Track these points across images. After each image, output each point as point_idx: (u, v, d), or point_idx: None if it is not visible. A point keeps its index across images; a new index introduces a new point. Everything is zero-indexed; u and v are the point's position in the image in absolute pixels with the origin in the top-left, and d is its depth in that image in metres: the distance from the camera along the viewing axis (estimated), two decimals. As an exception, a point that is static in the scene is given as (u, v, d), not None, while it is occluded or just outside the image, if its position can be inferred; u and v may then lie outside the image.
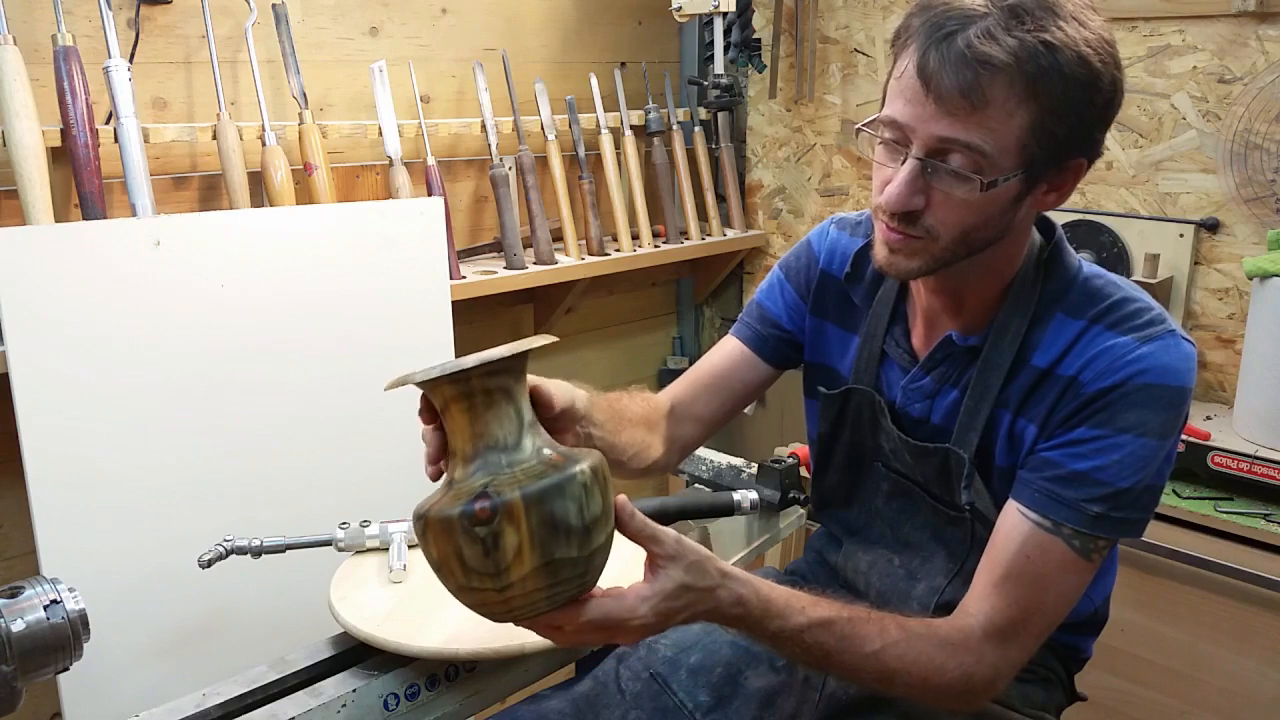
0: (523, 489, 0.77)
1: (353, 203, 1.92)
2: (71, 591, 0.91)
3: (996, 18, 0.86)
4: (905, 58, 0.91)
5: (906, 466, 1.12)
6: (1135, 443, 0.93)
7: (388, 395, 0.89)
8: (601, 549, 0.82)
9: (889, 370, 1.13)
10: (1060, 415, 0.97)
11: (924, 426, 1.09)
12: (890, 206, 0.93)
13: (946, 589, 1.09)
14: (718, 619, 0.90)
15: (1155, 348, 0.94)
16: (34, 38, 1.61)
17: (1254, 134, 1.88)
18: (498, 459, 0.81)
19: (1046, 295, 1.01)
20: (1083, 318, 0.99)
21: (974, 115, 0.87)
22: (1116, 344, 0.95)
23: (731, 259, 2.71)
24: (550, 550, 0.77)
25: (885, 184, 0.94)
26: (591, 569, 0.82)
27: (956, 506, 1.07)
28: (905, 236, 0.95)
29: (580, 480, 0.79)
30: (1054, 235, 1.04)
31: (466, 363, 0.79)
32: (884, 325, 1.13)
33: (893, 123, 0.93)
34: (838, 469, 1.21)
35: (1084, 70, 0.87)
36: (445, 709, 1.21)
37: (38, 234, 1.49)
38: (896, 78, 0.93)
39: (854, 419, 1.16)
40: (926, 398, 1.09)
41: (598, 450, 0.88)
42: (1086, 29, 0.88)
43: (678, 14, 2.44)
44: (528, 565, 0.77)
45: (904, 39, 0.92)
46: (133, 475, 1.55)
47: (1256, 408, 1.75)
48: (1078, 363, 0.97)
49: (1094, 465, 0.94)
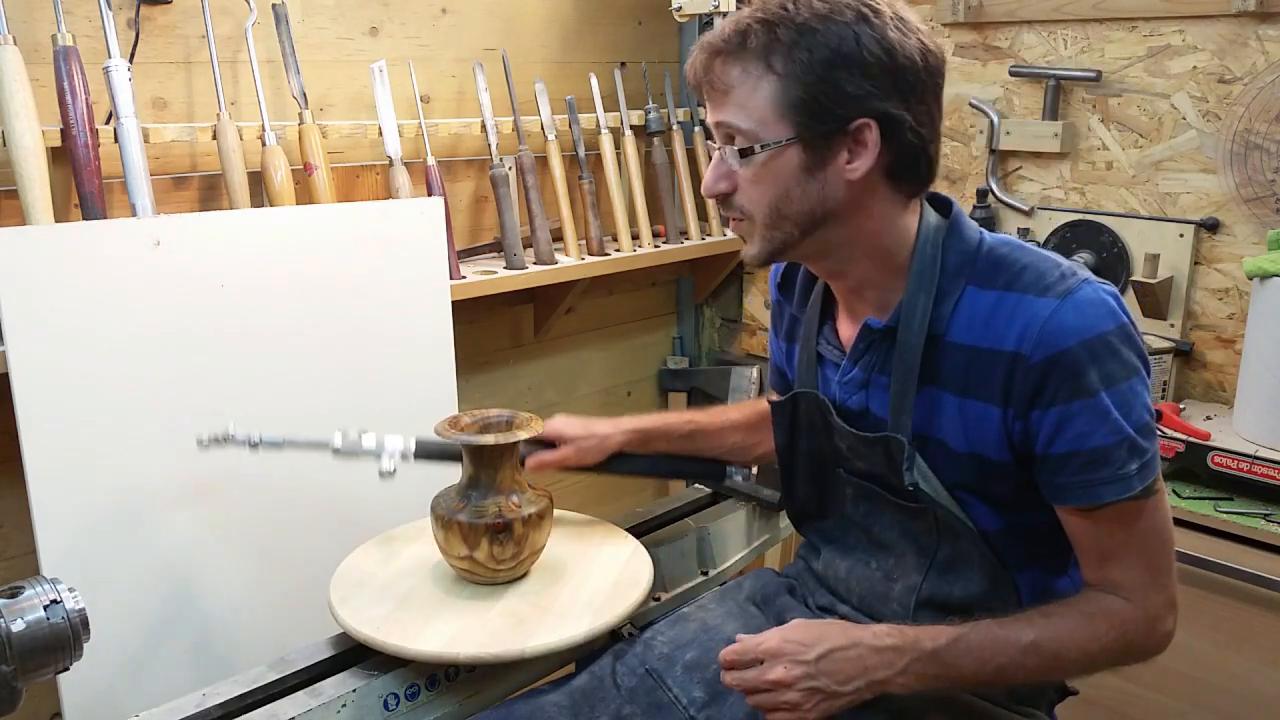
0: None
1: (353, 203, 1.92)
2: (71, 591, 0.91)
3: (733, 13, 1.02)
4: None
5: (864, 461, 1.12)
6: (1114, 393, 0.96)
7: (387, 394, 0.93)
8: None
9: (826, 370, 1.16)
10: (1022, 392, 0.98)
11: (865, 418, 1.11)
12: (704, 191, 1.06)
13: (923, 585, 1.10)
14: (873, 659, 0.97)
15: (1078, 301, 0.96)
16: (34, 38, 1.61)
17: (1254, 134, 1.88)
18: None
19: (949, 269, 1.04)
20: (994, 287, 1.01)
21: (727, 98, 1.00)
22: (1039, 308, 0.97)
23: (731, 259, 2.70)
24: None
25: None
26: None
27: (914, 498, 1.08)
28: (733, 221, 1.07)
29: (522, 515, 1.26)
30: (951, 212, 1.07)
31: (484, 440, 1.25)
32: (815, 327, 1.16)
33: (709, 125, 1.06)
34: (805, 480, 1.22)
35: (811, 36, 0.95)
36: (445, 709, 1.21)
37: (38, 234, 1.49)
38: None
39: (806, 424, 1.18)
40: (860, 388, 1.11)
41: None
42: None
43: (678, 14, 2.44)
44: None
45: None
46: (133, 475, 1.55)
47: (1256, 408, 1.75)
48: (1010, 335, 0.98)
49: (1100, 433, 0.96)
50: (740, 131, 1.00)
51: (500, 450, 1.26)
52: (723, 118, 1.01)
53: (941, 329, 1.03)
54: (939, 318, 1.03)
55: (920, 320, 1.03)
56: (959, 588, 1.08)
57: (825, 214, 1.01)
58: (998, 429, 1.01)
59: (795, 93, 0.97)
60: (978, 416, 1.02)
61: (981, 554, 1.06)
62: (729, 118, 1.00)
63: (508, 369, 2.40)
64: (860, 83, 0.96)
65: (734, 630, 1.19)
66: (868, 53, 0.95)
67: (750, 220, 1.04)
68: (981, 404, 1.02)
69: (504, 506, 1.25)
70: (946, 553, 1.09)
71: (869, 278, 1.07)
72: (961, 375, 1.03)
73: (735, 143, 1.01)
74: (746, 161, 1.01)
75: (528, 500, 1.28)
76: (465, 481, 1.29)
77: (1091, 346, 0.95)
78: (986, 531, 1.05)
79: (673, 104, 2.50)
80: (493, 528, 1.23)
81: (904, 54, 0.97)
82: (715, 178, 1.04)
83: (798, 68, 0.96)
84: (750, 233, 1.05)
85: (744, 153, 1.00)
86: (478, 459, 1.27)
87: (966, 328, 1.02)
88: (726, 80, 1.00)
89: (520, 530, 1.25)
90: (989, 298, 1.01)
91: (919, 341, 1.03)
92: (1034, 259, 1.02)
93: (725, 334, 2.87)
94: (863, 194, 1.02)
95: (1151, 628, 1.01)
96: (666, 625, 1.24)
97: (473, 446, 1.26)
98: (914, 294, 1.04)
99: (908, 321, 1.04)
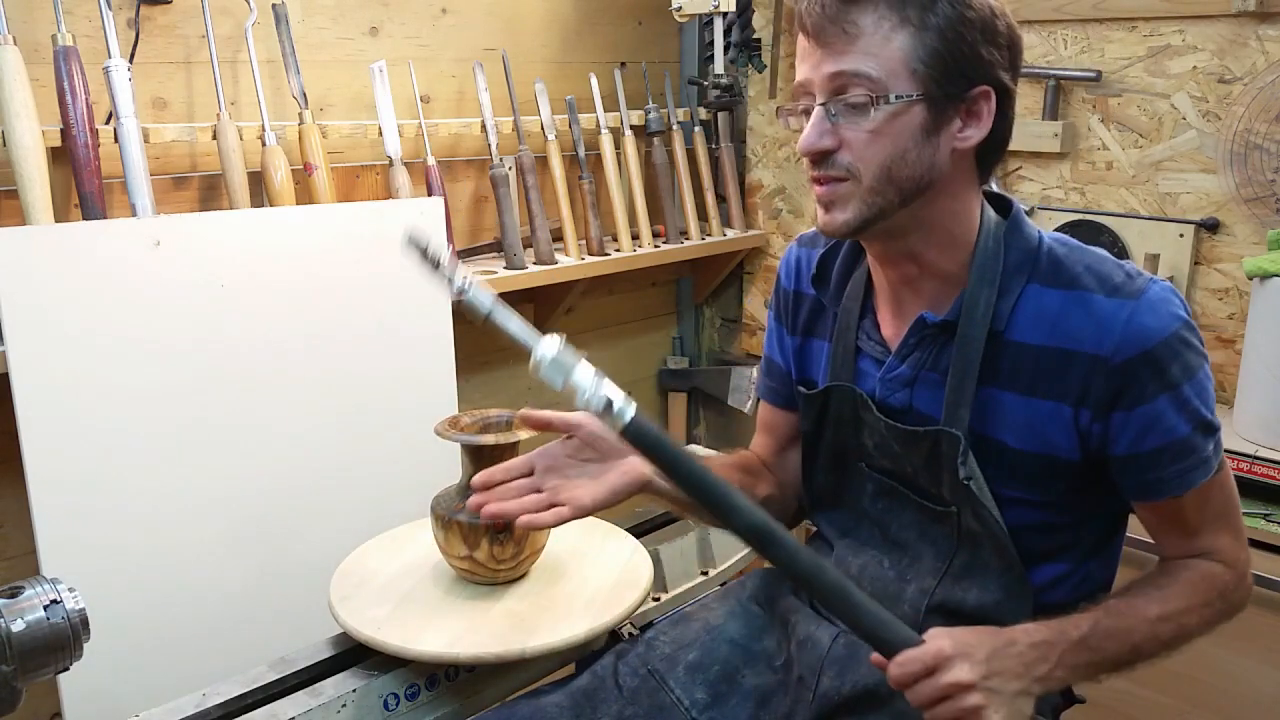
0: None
1: (353, 203, 1.92)
2: (71, 591, 0.91)
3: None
4: (797, 31, 0.99)
5: (893, 459, 1.11)
6: (1193, 384, 0.98)
7: (386, 394, 0.91)
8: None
9: (864, 365, 1.13)
10: (1103, 394, 0.98)
11: (908, 414, 1.09)
12: (803, 149, 0.97)
13: (936, 589, 1.09)
14: (1031, 654, 0.95)
15: (1151, 301, 0.98)
16: (34, 38, 1.61)
17: (1254, 134, 1.88)
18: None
19: (1010, 266, 1.03)
20: (1059, 286, 1.01)
21: (853, 45, 0.94)
22: (1114, 309, 0.98)
23: (731, 259, 2.71)
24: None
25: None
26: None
27: (943, 502, 1.07)
28: (830, 182, 0.98)
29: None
30: (1012, 210, 1.07)
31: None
32: (854, 320, 1.14)
33: (798, 87, 0.99)
34: (824, 469, 1.21)
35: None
36: (445, 709, 1.21)
37: (38, 234, 1.49)
38: (795, 53, 1.01)
39: (835, 418, 1.16)
40: (905, 385, 1.09)
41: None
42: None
43: (678, 14, 2.44)
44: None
45: (794, 22, 1.00)
46: (133, 475, 1.55)
47: (1256, 408, 1.75)
48: (1085, 336, 0.98)
49: (1184, 425, 0.98)
50: (868, 81, 0.94)
51: (500, 450, 1.26)
52: (845, 66, 0.94)
53: (1002, 326, 1.02)
54: (1000, 315, 1.02)
55: (983, 315, 1.02)
56: (973, 595, 1.07)
57: (929, 183, 0.98)
58: (1069, 428, 1.01)
59: (932, 46, 0.93)
60: (1048, 415, 1.02)
61: (1001, 562, 1.05)
62: (855, 65, 0.94)
63: (508, 369, 2.40)
64: (990, 49, 0.96)
65: (736, 631, 1.18)
66: (1000, 20, 0.96)
67: (854, 180, 0.97)
68: (1052, 403, 1.01)
69: None
70: (964, 559, 1.08)
71: (932, 266, 1.05)
72: (1028, 374, 1.02)
73: (849, 95, 0.95)
74: (865, 116, 0.94)
75: (528, 500, 1.28)
76: (465, 481, 1.29)
77: (1170, 345, 0.97)
78: (1015, 528, 1.05)
79: (673, 104, 2.50)
80: (493, 528, 1.23)
81: (1018, 30, 0.99)
82: (818, 133, 0.96)
83: (939, 20, 0.93)
84: (849, 196, 0.98)
85: (865, 106, 0.94)
86: (478, 459, 1.27)
87: (1033, 327, 1.01)
88: (858, 25, 0.93)
89: (520, 530, 1.25)
90: (1055, 296, 1.01)
91: (981, 336, 1.02)
92: (1094, 259, 1.02)
93: (725, 334, 2.87)
94: (958, 168, 1.01)
95: (1242, 582, 1.06)
96: (668, 625, 1.24)
97: (473, 446, 1.26)
98: (977, 287, 1.02)
99: (969, 315, 1.02)
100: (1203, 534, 1.04)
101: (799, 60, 0.99)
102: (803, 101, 0.99)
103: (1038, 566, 1.07)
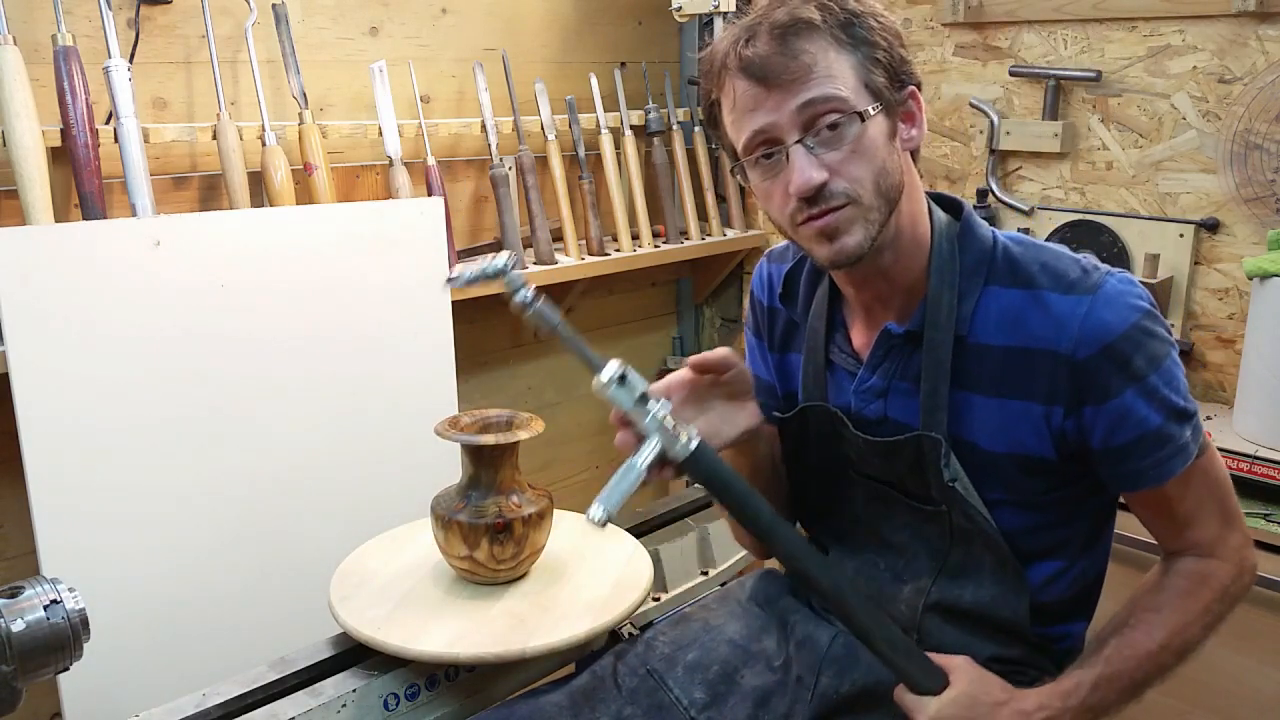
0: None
1: (353, 203, 1.92)
2: (71, 591, 0.91)
3: (777, 3, 0.96)
4: (727, 89, 0.99)
5: (876, 469, 1.12)
6: (1160, 373, 0.98)
7: (387, 394, 0.91)
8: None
9: (839, 378, 1.14)
10: (1070, 390, 0.99)
11: (884, 425, 1.09)
12: (799, 190, 0.95)
13: (932, 588, 1.09)
14: (1057, 703, 0.99)
15: (1108, 295, 0.97)
16: (34, 38, 1.61)
17: (1254, 134, 1.88)
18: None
19: (967, 268, 1.03)
20: (1016, 285, 1.01)
21: (810, 73, 0.94)
22: (1072, 306, 0.98)
23: (731, 259, 2.70)
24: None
25: (783, 194, 0.98)
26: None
27: (933, 501, 1.07)
28: (832, 212, 0.97)
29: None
30: (962, 212, 1.07)
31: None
32: (822, 336, 1.14)
33: (758, 134, 0.97)
34: (813, 482, 1.21)
35: (864, 9, 0.98)
36: (445, 709, 1.21)
37: (38, 234, 1.49)
38: (731, 110, 1.00)
39: (816, 435, 1.16)
40: (879, 396, 1.09)
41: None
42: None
43: (678, 14, 2.44)
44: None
45: (713, 83, 1.02)
46: (133, 475, 1.55)
47: (1256, 408, 1.75)
48: (1045, 334, 0.98)
49: (1156, 414, 0.98)
50: (839, 102, 0.95)
51: (500, 450, 1.26)
52: (813, 94, 0.94)
53: (964, 330, 1.02)
54: (962, 319, 1.02)
55: (946, 318, 1.02)
56: (969, 592, 1.08)
57: (901, 190, 1.00)
58: (1040, 427, 1.01)
59: (872, 56, 0.97)
60: (1018, 415, 1.02)
61: (995, 559, 1.06)
62: (821, 90, 0.94)
63: (508, 369, 2.40)
64: (903, 50, 1.00)
65: (736, 631, 1.19)
66: (893, 22, 1.00)
67: (854, 204, 0.97)
68: (1021, 403, 1.01)
69: (504, 506, 1.25)
70: (958, 557, 1.08)
71: (901, 272, 1.05)
72: (995, 376, 1.02)
73: (827, 119, 0.95)
74: (845, 138, 0.95)
75: (528, 500, 1.28)
76: (465, 481, 1.29)
77: (1130, 337, 0.96)
78: (1006, 531, 1.05)
79: (673, 104, 2.50)
80: (493, 528, 1.23)
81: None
82: (814, 167, 0.95)
83: (864, 33, 0.96)
84: (853, 220, 0.97)
85: (844, 127, 0.95)
86: (478, 459, 1.27)
87: (995, 328, 1.02)
88: (808, 52, 0.95)
89: (520, 530, 1.25)
90: (1014, 296, 1.01)
91: (948, 339, 1.02)
92: (1050, 256, 1.02)
93: (725, 334, 2.87)
94: (908, 170, 1.03)
95: (1241, 572, 1.04)
96: (668, 625, 1.24)
97: (473, 446, 1.26)
98: (937, 291, 1.03)
99: (933, 320, 1.03)
100: (1193, 522, 1.04)
101: (745, 112, 0.97)
102: (763, 149, 0.98)
103: (1030, 567, 1.07)
